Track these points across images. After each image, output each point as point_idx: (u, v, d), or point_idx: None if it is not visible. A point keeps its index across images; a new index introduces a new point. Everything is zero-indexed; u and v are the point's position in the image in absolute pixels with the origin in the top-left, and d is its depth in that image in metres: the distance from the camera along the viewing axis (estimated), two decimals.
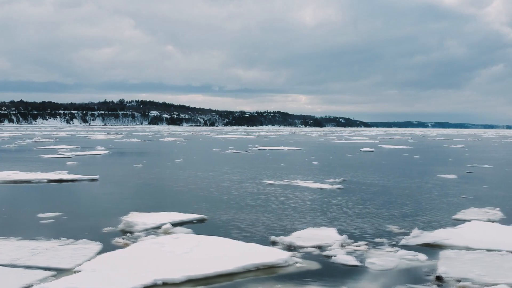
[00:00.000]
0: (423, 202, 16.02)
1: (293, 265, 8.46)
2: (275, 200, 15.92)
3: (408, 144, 69.27)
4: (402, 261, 8.80)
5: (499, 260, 8.81)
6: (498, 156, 43.16)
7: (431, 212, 14.13)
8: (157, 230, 10.93)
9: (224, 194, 17.23)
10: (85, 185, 19.34)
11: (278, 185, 19.75)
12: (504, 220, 12.76)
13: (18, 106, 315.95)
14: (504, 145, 71.95)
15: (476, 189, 19.52)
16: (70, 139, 70.74)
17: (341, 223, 12.31)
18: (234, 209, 14.19)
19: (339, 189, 19.00)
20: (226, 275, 7.82)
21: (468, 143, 77.15)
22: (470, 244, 9.98)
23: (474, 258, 9.01)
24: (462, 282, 7.64)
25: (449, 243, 10.12)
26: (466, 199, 16.66)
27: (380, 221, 12.57)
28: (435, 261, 8.76)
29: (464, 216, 13.18)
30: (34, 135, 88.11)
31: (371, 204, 15.49)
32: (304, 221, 12.40)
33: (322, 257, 9.06)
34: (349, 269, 8.42)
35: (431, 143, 75.79)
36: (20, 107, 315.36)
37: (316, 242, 9.92)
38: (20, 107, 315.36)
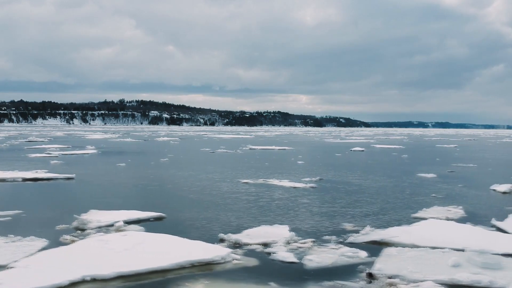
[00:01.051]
0: (391, 201, 16.06)
1: (230, 262, 8.51)
2: (242, 199, 15.97)
3: (402, 144, 69.24)
4: (341, 258, 8.85)
5: (438, 258, 8.85)
6: (487, 156, 43.14)
7: (394, 211, 14.17)
8: (110, 227, 10.99)
9: (194, 193, 17.29)
10: (58, 184, 19.41)
11: (252, 184, 19.80)
12: (461, 219, 12.80)
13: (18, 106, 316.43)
14: (498, 145, 71.88)
15: (449, 188, 19.55)
16: (65, 139, 70.83)
17: (300, 221, 12.36)
18: (198, 207, 14.25)
19: (312, 187, 19.04)
20: (159, 272, 7.88)
21: (463, 143, 77.08)
22: (417, 241, 10.03)
23: (414, 255, 9.05)
24: (391, 279, 7.68)
25: (396, 240, 10.17)
26: (435, 198, 16.70)
27: (339, 220, 12.61)
28: (374, 258, 8.80)
29: (424, 215, 13.23)
30: (31, 134, 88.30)
31: (339, 202, 15.53)
32: (262, 219, 12.44)
33: (263, 254, 9.11)
34: (285, 266, 8.48)
35: (425, 143, 75.75)
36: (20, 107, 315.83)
37: (263, 240, 9.98)
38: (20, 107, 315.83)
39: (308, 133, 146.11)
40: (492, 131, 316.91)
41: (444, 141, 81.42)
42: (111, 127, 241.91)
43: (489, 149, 58.15)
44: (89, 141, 62.46)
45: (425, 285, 7.31)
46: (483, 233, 10.86)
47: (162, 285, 7.38)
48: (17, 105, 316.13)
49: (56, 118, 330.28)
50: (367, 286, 7.46)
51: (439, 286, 7.32)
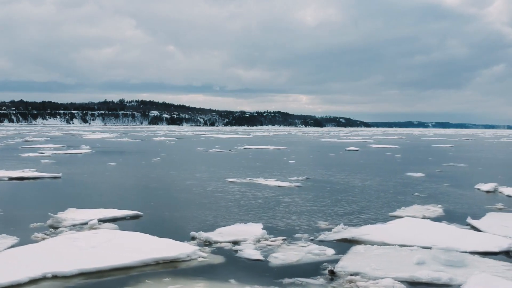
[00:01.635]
0: (372, 200, 16.10)
1: (195, 260, 8.55)
2: (224, 198, 16.01)
3: (399, 143, 69.27)
4: (307, 256, 8.89)
5: (404, 255, 8.89)
6: (480, 156, 43.16)
7: (373, 209, 14.20)
8: (84, 226, 11.03)
9: (177, 192, 17.35)
10: (43, 183, 19.47)
11: (238, 183, 19.83)
12: (437, 217, 12.84)
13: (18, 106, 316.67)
14: (495, 144, 71.86)
15: (434, 187, 19.58)
16: (62, 139, 70.84)
17: (276, 219, 12.38)
18: (177, 206, 14.31)
19: (297, 187, 19.07)
20: (122, 269, 7.93)
21: (459, 143, 77.06)
22: (386, 239, 10.07)
23: (380, 253, 9.10)
24: (352, 276, 7.72)
25: (366, 238, 10.21)
26: (417, 197, 16.73)
27: (316, 218, 12.63)
28: (340, 256, 8.84)
29: (402, 213, 13.26)
30: (29, 134, 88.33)
31: (320, 201, 15.57)
32: (239, 217, 12.47)
33: (230, 252, 9.16)
34: (249, 263, 8.53)
35: (422, 143, 75.73)
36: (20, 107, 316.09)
37: (233, 238, 10.01)
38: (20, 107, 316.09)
39: (307, 133, 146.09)
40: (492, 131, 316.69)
41: (441, 141, 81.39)
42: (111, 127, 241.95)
43: (485, 149, 58.13)
44: (85, 141, 62.50)
45: (384, 282, 7.34)
46: (455, 232, 10.89)
47: (123, 282, 7.42)
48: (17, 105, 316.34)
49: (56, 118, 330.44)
50: (327, 283, 7.48)
51: (398, 283, 7.36)
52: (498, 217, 12.64)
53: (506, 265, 8.44)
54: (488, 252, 9.34)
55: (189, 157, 37.19)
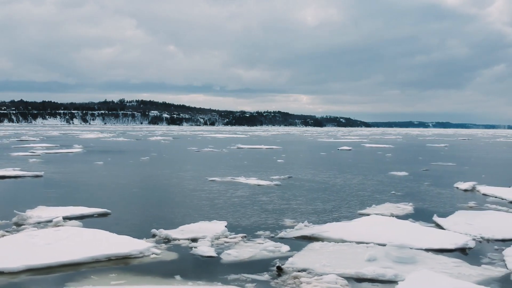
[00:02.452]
0: (348, 198, 16.13)
1: (148, 256, 8.61)
2: (199, 196, 16.08)
3: (394, 143, 69.33)
4: (261, 252, 8.94)
5: (357, 252, 8.93)
6: (471, 155, 43.19)
7: (346, 207, 14.24)
8: (48, 223, 11.09)
9: (154, 191, 17.42)
10: (22, 182, 19.55)
11: (219, 182, 19.88)
12: (405, 215, 12.89)
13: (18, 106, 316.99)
14: (490, 144, 71.84)
15: (414, 186, 19.62)
16: (58, 138, 70.93)
17: (245, 217, 12.42)
18: (149, 204, 14.38)
19: (277, 185, 19.12)
20: (72, 265, 7.98)
21: (454, 142, 77.08)
22: (346, 236, 10.11)
23: (335, 250, 9.15)
24: (299, 272, 7.76)
25: (326, 235, 10.25)
26: (393, 195, 16.77)
27: (285, 216, 12.66)
28: (294, 253, 8.89)
29: (371, 211, 13.29)
30: (26, 134, 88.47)
31: (295, 200, 15.60)
32: (206, 215, 12.46)
33: (185, 249, 9.21)
34: (201, 260, 8.59)
35: (417, 142, 75.75)
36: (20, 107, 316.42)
37: (193, 235, 10.07)
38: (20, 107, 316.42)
39: (305, 133, 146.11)
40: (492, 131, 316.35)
41: (437, 141, 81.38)
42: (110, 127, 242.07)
43: (478, 148, 58.13)
44: (80, 141, 62.61)
45: (328, 278, 7.38)
46: (416, 229, 10.93)
47: (69, 278, 7.46)
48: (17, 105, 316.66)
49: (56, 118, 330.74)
50: (271, 279, 7.52)
51: (341, 279, 7.40)
52: (465, 215, 12.67)
53: (457, 261, 8.48)
54: (444, 249, 9.38)
55: (179, 156, 37.25)
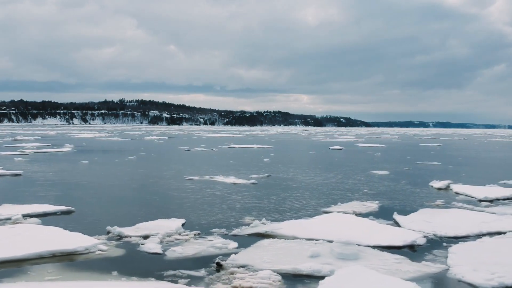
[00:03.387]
0: (319, 196, 16.19)
1: (93, 253, 8.68)
2: (170, 195, 16.19)
3: (389, 142, 69.42)
4: (207, 249, 9.01)
5: (303, 249, 8.98)
6: (460, 154, 43.22)
7: (313, 205, 14.29)
8: (7, 220, 11.16)
9: (127, 189, 17.51)
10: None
11: (196, 181, 19.97)
12: (367, 213, 12.97)
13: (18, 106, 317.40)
14: (484, 144, 71.84)
15: (389, 184, 19.67)
16: (54, 138, 71.01)
17: (208, 215, 12.50)
18: (116, 203, 14.48)
19: (253, 184, 19.19)
20: (14, 261, 8.05)
21: (449, 142, 77.10)
22: (298, 234, 10.19)
23: (282, 246, 9.21)
24: (237, 268, 7.83)
25: (280, 232, 10.33)
26: (365, 194, 16.83)
27: (249, 214, 12.71)
28: (240, 249, 8.97)
29: (335, 209, 13.37)
30: (23, 133, 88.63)
31: (266, 198, 15.65)
32: (169, 213, 12.50)
33: (133, 246, 9.28)
34: (144, 256, 8.67)
35: (412, 142, 75.76)
36: (20, 107, 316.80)
37: (146, 232, 10.15)
38: (20, 107, 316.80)
39: (303, 133, 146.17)
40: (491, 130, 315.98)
41: (432, 140, 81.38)
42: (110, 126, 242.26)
43: (471, 148, 58.12)
44: (74, 140, 62.74)
45: (262, 274, 7.45)
46: (372, 226, 10.98)
47: (7, 274, 7.53)
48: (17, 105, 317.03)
49: (56, 118, 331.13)
50: (207, 275, 7.59)
51: (276, 275, 7.46)
52: (428, 213, 12.73)
53: (399, 258, 8.54)
54: (392, 246, 9.44)
55: (166, 155, 37.33)
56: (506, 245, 9.28)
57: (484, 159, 37.64)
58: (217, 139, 73.45)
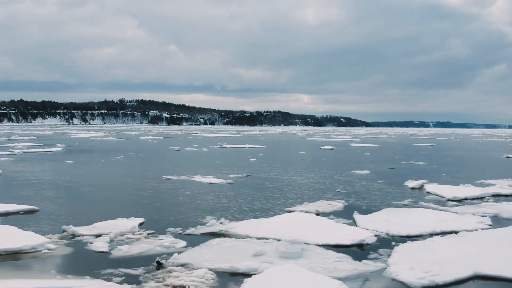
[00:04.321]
0: (289, 195, 16.25)
1: (39, 251, 8.76)
2: (141, 195, 16.25)
3: (383, 142, 69.48)
4: (154, 248, 9.09)
5: (251, 248, 9.02)
6: (450, 154, 43.25)
7: (280, 205, 14.33)
8: None
9: (98, 189, 17.62)
10: None
11: (173, 180, 20.06)
12: (329, 213, 13.03)
13: (18, 106, 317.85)
14: (478, 144, 71.84)
15: (365, 184, 19.73)
16: (49, 138, 71.14)
17: (171, 214, 12.57)
18: (83, 202, 14.56)
19: (229, 183, 19.27)
20: None
21: (444, 142, 77.13)
22: (251, 233, 10.26)
23: (229, 245, 9.29)
24: (175, 267, 7.91)
25: (233, 232, 10.41)
26: (338, 193, 16.88)
27: (213, 213, 12.75)
28: (186, 248, 9.06)
29: (299, 208, 13.43)
30: (18, 133, 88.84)
31: (237, 198, 15.71)
32: (131, 212, 12.57)
33: (81, 245, 9.37)
34: (89, 255, 8.76)
35: (406, 141, 75.80)
36: (20, 107, 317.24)
37: (100, 231, 10.22)
38: (20, 107, 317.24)
39: (301, 132, 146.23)
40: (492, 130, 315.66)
41: (427, 140, 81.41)
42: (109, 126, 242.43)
43: (463, 148, 58.11)
44: (68, 140, 62.89)
45: (197, 272, 7.52)
46: (326, 225, 11.04)
47: None
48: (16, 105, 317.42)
49: (56, 118, 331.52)
50: (144, 273, 7.67)
51: (211, 274, 7.54)
52: (389, 212, 12.78)
53: (341, 257, 8.61)
54: (339, 245, 9.51)
55: (154, 155, 37.41)
56: (451, 244, 9.34)
57: (471, 159, 37.66)
58: (212, 139, 73.53)
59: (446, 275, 7.50)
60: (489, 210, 13.26)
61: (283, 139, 79.38)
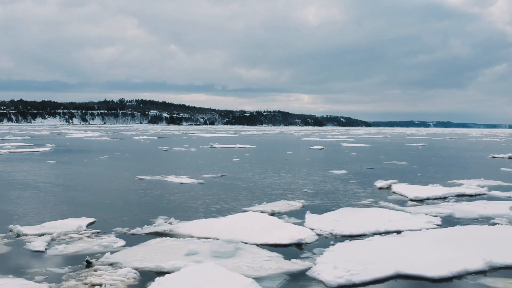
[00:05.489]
0: (254, 195, 16.31)
1: None
2: (107, 195, 16.39)
3: (376, 142, 69.56)
4: (91, 247, 9.20)
5: (186, 247, 9.12)
6: (437, 154, 43.31)
7: (239, 205, 14.39)
8: None
9: (65, 189, 17.71)
10: None
11: (145, 180, 20.18)
12: (284, 212, 13.12)
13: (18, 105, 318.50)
14: (471, 143, 71.83)
15: (335, 184, 19.81)
16: (43, 138, 71.28)
17: (125, 214, 12.66)
18: (41, 202, 14.67)
19: (200, 183, 19.39)
20: None
21: (437, 142, 77.16)
22: (195, 233, 10.38)
23: (166, 245, 9.37)
24: (102, 266, 8.01)
25: (177, 231, 10.51)
26: (304, 193, 16.96)
27: (169, 213, 12.79)
28: (124, 248, 9.17)
29: (255, 208, 13.52)
30: (15, 133, 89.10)
31: (201, 198, 15.79)
32: (87, 212, 12.68)
33: (20, 244, 9.47)
34: (24, 254, 8.88)
35: (400, 141, 75.83)
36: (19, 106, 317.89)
37: (45, 231, 10.33)
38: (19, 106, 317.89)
39: (299, 132, 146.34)
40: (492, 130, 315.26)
41: (422, 140, 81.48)
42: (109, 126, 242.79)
43: (453, 147, 58.12)
44: (61, 140, 63.06)
45: (121, 272, 7.62)
46: (272, 225, 11.10)
47: None
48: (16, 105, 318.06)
49: (55, 118, 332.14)
50: (69, 272, 7.77)
51: (134, 273, 7.63)
52: (343, 212, 12.86)
53: (273, 256, 8.70)
54: (278, 244, 9.61)
55: (139, 155, 37.52)
56: (386, 244, 9.42)
57: (455, 159, 37.65)
58: (206, 139, 73.67)
59: (366, 274, 7.59)
60: (445, 210, 13.34)
61: (278, 139, 79.49)
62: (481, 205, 14.16)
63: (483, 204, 14.35)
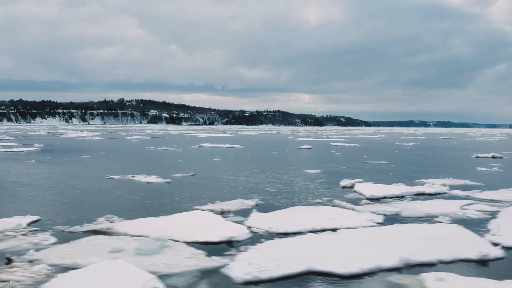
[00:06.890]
0: (214, 195, 16.40)
1: None
2: (69, 195, 16.51)
3: (368, 142, 69.68)
4: (20, 245, 9.33)
5: (117, 245, 9.25)
6: (422, 154, 43.36)
7: (195, 204, 14.48)
8: None
9: (32, 189, 17.84)
10: None
11: (114, 180, 20.33)
12: (233, 211, 13.21)
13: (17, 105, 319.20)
14: (463, 142, 71.83)
15: (302, 183, 19.92)
16: (36, 137, 71.35)
17: (74, 213, 12.79)
18: (9, 202, 14.78)
19: (167, 183, 19.53)
20: None
21: (429, 141, 77.22)
22: (131, 231, 10.49)
23: (98, 243, 9.51)
24: (24, 263, 8.14)
25: (115, 230, 10.64)
26: (266, 192, 17.08)
27: (117, 212, 12.93)
28: (56, 246, 9.29)
29: (206, 207, 13.63)
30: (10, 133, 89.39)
31: (161, 197, 15.91)
32: (35, 211, 12.84)
33: None
34: None
35: (392, 141, 75.87)
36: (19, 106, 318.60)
37: None
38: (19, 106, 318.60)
39: (295, 132, 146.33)
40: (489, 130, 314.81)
41: (414, 140, 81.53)
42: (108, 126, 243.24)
43: (441, 147, 58.14)
44: (54, 140, 63.27)
45: (36, 268, 7.75)
46: (212, 223, 11.23)
47: None
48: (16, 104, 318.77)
49: (55, 118, 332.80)
50: None
51: (49, 269, 7.76)
52: (291, 210, 12.95)
53: (196, 254, 8.81)
54: (208, 242, 9.73)
55: (122, 155, 37.67)
56: (313, 241, 9.53)
57: (437, 158, 37.68)
58: (198, 139, 73.83)
59: (277, 270, 7.71)
60: (394, 208, 13.44)
61: (271, 139, 79.58)
62: (433, 204, 14.27)
63: (435, 203, 14.45)
